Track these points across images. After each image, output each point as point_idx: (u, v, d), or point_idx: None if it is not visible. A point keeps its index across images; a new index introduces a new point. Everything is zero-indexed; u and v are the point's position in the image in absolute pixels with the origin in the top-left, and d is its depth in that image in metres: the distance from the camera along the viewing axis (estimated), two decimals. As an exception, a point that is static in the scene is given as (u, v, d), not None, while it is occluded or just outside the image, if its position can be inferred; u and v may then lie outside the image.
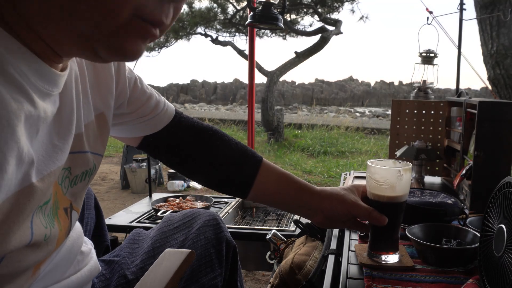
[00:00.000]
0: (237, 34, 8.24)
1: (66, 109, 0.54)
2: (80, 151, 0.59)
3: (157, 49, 8.36)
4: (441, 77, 1.90)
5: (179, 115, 0.85)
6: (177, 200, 1.95)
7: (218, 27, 8.15)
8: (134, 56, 0.44)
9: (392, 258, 0.82)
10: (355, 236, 1.00)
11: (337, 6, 7.60)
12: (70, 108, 0.55)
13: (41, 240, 0.48)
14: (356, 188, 0.85)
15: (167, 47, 8.43)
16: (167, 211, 1.78)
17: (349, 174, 1.74)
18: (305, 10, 7.74)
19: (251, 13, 2.17)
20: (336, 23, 7.32)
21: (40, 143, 0.48)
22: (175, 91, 21.27)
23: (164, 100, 0.83)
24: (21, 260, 0.46)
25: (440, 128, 1.70)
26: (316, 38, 7.44)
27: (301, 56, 7.43)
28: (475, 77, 3.26)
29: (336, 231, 1.08)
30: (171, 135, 0.83)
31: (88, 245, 0.73)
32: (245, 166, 0.84)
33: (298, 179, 0.85)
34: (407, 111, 1.74)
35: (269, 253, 1.37)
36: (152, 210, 1.86)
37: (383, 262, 0.81)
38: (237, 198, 2.05)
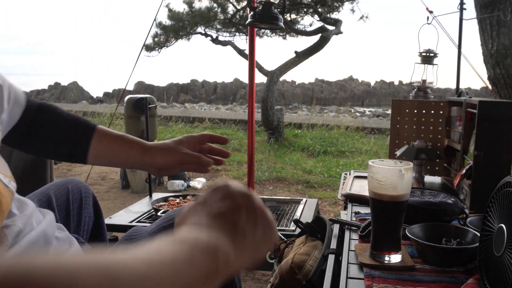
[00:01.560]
0: (237, 33, 8.23)
1: None
2: None
3: (157, 49, 8.35)
4: (441, 77, 1.90)
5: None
6: (177, 200, 1.95)
7: (218, 26, 8.14)
8: None
9: (394, 258, 0.82)
10: (355, 236, 1.00)
11: (337, 5, 7.59)
12: None
13: None
14: (187, 139, 0.91)
15: (167, 47, 8.41)
16: (167, 210, 1.78)
17: (349, 174, 1.74)
18: (305, 9, 7.73)
19: (251, 13, 2.17)
20: (336, 22, 7.31)
21: None
22: (175, 91, 21.25)
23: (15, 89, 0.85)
24: None
25: (440, 128, 1.70)
26: (316, 38, 7.43)
27: (301, 56, 7.42)
28: (475, 76, 3.26)
29: (336, 231, 1.08)
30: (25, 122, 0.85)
31: (64, 232, 0.76)
32: (78, 133, 0.89)
33: (131, 138, 0.91)
34: (407, 111, 1.74)
35: (269, 252, 1.37)
36: (152, 210, 1.87)
37: (385, 262, 0.81)
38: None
